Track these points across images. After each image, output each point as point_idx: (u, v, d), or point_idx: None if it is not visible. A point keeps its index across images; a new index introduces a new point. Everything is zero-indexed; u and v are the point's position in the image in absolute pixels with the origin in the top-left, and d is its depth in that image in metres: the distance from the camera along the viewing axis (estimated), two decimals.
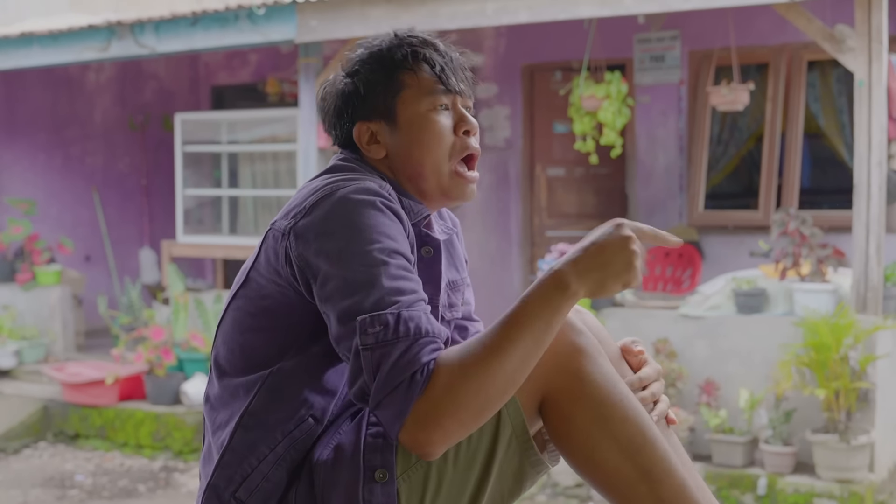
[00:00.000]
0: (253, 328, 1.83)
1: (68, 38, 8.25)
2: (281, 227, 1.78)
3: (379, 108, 1.90)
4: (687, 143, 8.58)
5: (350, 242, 1.70)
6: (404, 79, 1.90)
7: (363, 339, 1.65)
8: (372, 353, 1.64)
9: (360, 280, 1.68)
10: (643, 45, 8.65)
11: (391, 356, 1.63)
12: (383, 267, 1.69)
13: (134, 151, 10.76)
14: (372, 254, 1.69)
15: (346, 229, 1.71)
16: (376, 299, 1.66)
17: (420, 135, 1.89)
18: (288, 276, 1.77)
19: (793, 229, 6.25)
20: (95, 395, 7.56)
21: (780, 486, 5.72)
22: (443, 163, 1.90)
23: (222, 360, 1.88)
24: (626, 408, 1.76)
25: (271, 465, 1.80)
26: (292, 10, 7.34)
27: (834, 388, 5.63)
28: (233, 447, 1.82)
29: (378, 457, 1.75)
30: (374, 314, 1.65)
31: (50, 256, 9.15)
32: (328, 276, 1.70)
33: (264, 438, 1.80)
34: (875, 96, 5.88)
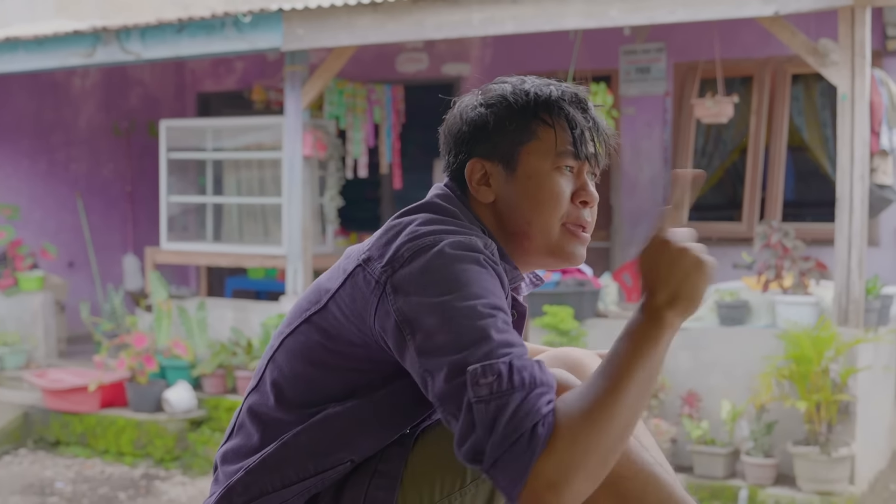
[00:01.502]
0: (322, 364, 1.76)
1: (54, 44, 8.23)
2: (375, 271, 1.69)
3: (502, 149, 1.80)
4: (672, 154, 8.61)
5: (455, 297, 1.60)
6: (539, 130, 1.79)
7: (476, 392, 1.52)
8: (487, 406, 1.51)
9: (468, 334, 1.57)
10: (629, 57, 8.68)
11: (508, 408, 1.50)
12: (490, 320, 1.58)
13: (118, 158, 10.73)
14: (477, 308, 1.59)
15: (451, 283, 1.61)
16: (487, 351, 1.55)
17: (536, 191, 1.78)
18: (373, 327, 1.68)
19: (775, 242, 6.28)
20: (77, 402, 7.53)
21: (760, 497, 5.73)
22: (554, 223, 1.79)
23: (283, 382, 1.79)
24: (646, 482, 1.68)
25: (294, 493, 1.74)
26: (279, 18, 7.35)
27: (815, 401, 5.65)
28: (265, 459, 1.76)
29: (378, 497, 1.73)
30: (485, 364, 1.53)
31: (33, 262, 9.11)
32: (431, 331, 1.59)
33: (297, 465, 1.74)
34: (858, 110, 5.91)
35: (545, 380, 1.55)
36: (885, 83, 6.42)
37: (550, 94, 1.81)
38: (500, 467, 1.49)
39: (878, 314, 6.22)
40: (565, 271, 6.81)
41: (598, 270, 8.31)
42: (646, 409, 1.63)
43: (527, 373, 1.54)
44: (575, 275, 6.76)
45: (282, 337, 1.83)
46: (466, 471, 1.70)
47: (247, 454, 1.80)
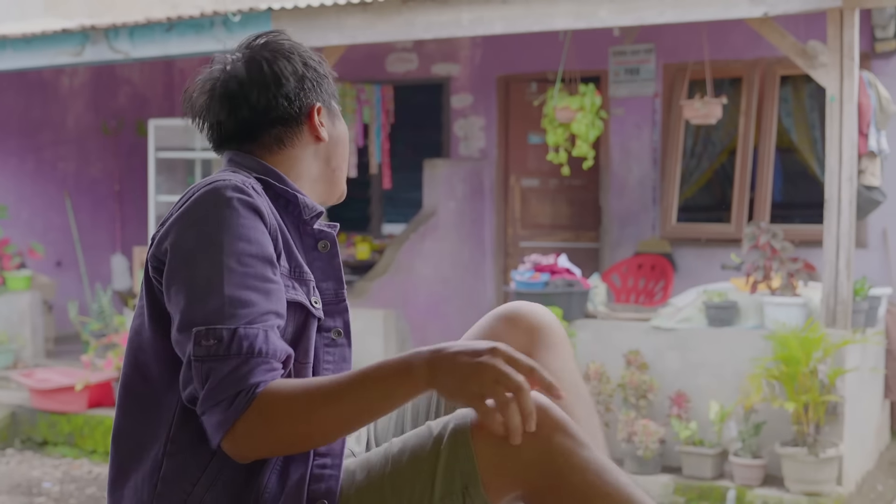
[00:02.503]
0: (143, 346, 1.79)
1: (42, 42, 8.20)
2: (154, 235, 1.80)
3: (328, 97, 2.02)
4: (661, 155, 8.63)
5: (200, 243, 1.70)
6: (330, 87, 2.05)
7: (196, 350, 1.64)
8: (202, 365, 1.64)
9: (203, 286, 1.67)
10: (618, 58, 8.69)
11: (220, 372, 1.63)
12: (228, 275, 1.67)
13: (107, 157, 10.70)
14: (221, 258, 1.68)
15: (199, 226, 1.71)
16: (215, 309, 1.65)
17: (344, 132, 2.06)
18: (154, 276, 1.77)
19: (764, 243, 6.29)
20: (64, 402, 7.50)
21: (749, 498, 5.75)
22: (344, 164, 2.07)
23: (132, 386, 1.81)
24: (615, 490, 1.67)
25: (206, 487, 1.72)
26: (268, 17, 7.33)
27: (803, 402, 5.66)
28: (164, 477, 1.74)
29: (322, 486, 1.73)
30: (209, 327, 1.64)
31: (20, 261, 9.08)
32: (174, 273, 1.70)
33: (193, 461, 1.74)
34: (846, 112, 5.93)
35: (266, 350, 1.65)
36: (873, 85, 6.44)
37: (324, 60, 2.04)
38: (207, 418, 1.65)
39: (866, 315, 6.24)
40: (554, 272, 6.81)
41: (587, 271, 8.32)
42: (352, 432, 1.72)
43: (247, 342, 1.64)
44: (564, 275, 6.77)
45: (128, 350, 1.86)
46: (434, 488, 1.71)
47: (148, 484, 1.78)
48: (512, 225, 9.34)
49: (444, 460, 1.69)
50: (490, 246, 9.33)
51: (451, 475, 1.69)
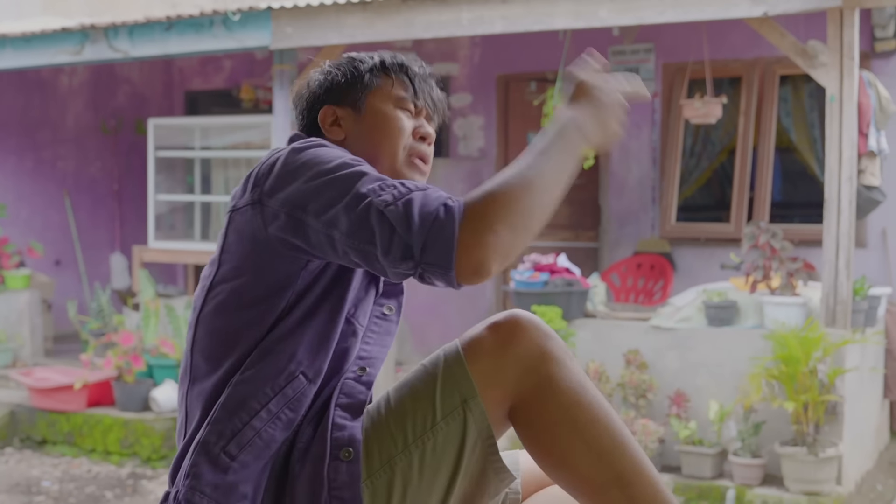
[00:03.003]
0: (239, 306, 1.83)
1: (41, 41, 8.20)
2: (246, 201, 1.82)
3: (350, 97, 2.01)
4: (660, 155, 8.62)
5: (321, 165, 1.75)
6: (381, 80, 2.02)
7: (382, 201, 1.66)
8: (396, 207, 1.65)
9: (348, 178, 1.71)
10: (617, 58, 8.69)
11: (415, 201, 1.65)
12: (360, 166, 1.74)
13: (106, 156, 10.70)
14: (345, 160, 1.75)
15: (311, 159, 1.77)
16: (372, 179, 1.71)
17: (383, 124, 1.98)
18: (270, 238, 1.78)
19: (763, 242, 6.29)
20: (63, 401, 7.50)
21: (748, 497, 5.75)
22: (399, 150, 1.98)
23: (211, 347, 1.86)
24: (597, 410, 1.77)
25: (264, 421, 1.78)
26: (267, 16, 7.33)
27: (802, 401, 5.66)
28: (224, 404, 1.80)
29: (345, 435, 1.77)
30: (378, 183, 1.69)
31: (19, 260, 9.08)
32: (318, 196, 1.72)
33: (255, 394, 1.79)
34: (846, 111, 5.93)
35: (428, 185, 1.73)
36: (873, 84, 6.43)
37: (394, 56, 2.07)
38: (429, 248, 1.62)
39: (866, 315, 6.24)
40: (553, 271, 6.81)
41: (586, 270, 8.32)
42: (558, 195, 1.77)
43: (412, 182, 1.71)
44: (563, 275, 6.76)
45: (196, 313, 1.91)
46: (436, 408, 1.77)
47: (205, 409, 1.84)
48: None
49: (441, 382, 1.78)
50: None
51: (450, 393, 1.77)
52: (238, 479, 1.78)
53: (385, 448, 1.78)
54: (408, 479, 1.76)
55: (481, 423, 1.76)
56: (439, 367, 1.80)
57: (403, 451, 1.77)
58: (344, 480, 1.74)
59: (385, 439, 1.78)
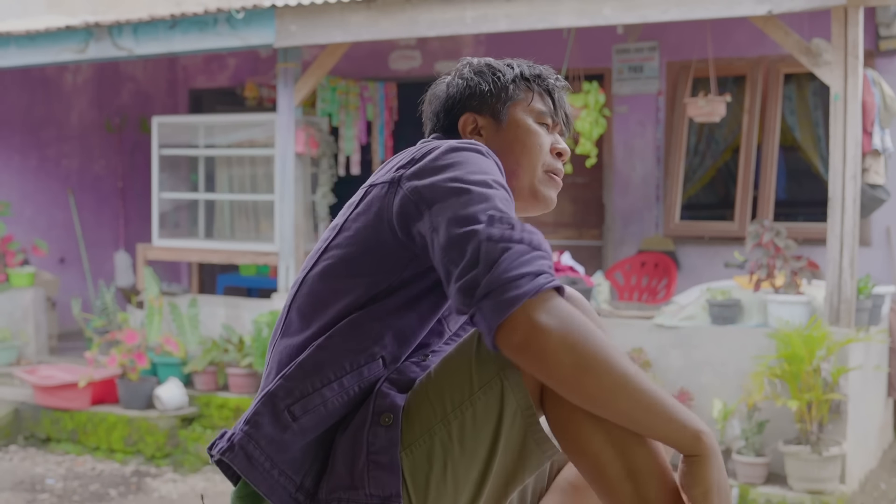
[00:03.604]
0: (345, 274, 1.85)
1: (45, 39, 8.21)
2: (387, 178, 1.84)
3: (492, 105, 2.04)
4: (664, 153, 8.62)
5: (464, 171, 1.77)
6: (523, 92, 2.07)
7: (489, 231, 1.65)
8: (495, 245, 1.64)
9: (479, 196, 1.71)
10: (622, 56, 8.69)
11: (514, 251, 1.64)
12: (497, 191, 1.75)
13: (110, 154, 10.71)
14: (487, 180, 1.76)
15: (459, 165, 1.78)
16: (500, 206, 1.71)
17: (524, 138, 2.02)
18: (391, 219, 1.80)
19: (767, 241, 6.29)
20: (67, 399, 7.51)
21: (752, 496, 5.74)
22: (538, 165, 2.02)
23: (307, 309, 1.88)
24: None
25: (334, 392, 1.80)
26: (272, 14, 7.33)
27: (806, 400, 5.66)
28: (302, 363, 1.81)
29: (387, 402, 1.78)
30: (503, 214, 1.69)
31: (24, 258, 9.09)
32: (445, 194, 1.73)
33: (333, 364, 1.81)
34: (850, 110, 5.92)
35: (549, 251, 1.70)
36: (877, 83, 6.43)
37: (532, 67, 2.12)
38: (490, 298, 1.61)
39: (870, 314, 6.24)
40: (557, 269, 6.81)
41: (590, 269, 8.31)
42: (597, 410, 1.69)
43: (536, 236, 1.69)
44: (567, 273, 6.76)
45: (305, 272, 1.93)
46: (473, 379, 1.76)
47: (286, 363, 1.87)
48: None
49: (477, 354, 1.77)
50: None
51: (486, 364, 1.75)
52: (293, 440, 1.80)
53: (425, 419, 1.78)
54: (448, 449, 1.76)
55: (519, 394, 1.75)
56: (475, 339, 1.79)
57: (442, 421, 1.77)
58: (382, 445, 1.75)
59: (425, 410, 1.78)
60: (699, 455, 1.68)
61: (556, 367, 1.63)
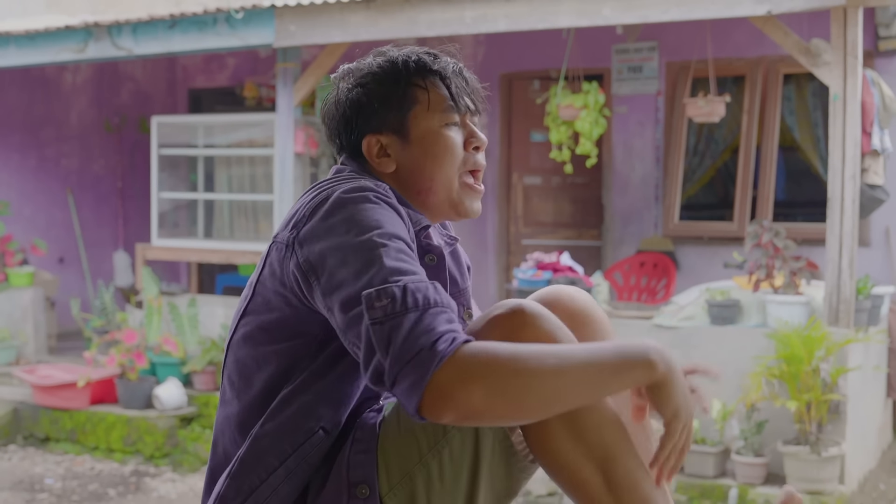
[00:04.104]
0: (263, 342, 1.82)
1: (45, 39, 8.20)
2: (284, 238, 1.78)
3: (390, 121, 1.91)
4: (663, 153, 8.62)
5: (349, 235, 1.69)
6: (417, 94, 1.91)
7: (371, 315, 1.59)
8: (381, 328, 1.58)
9: (362, 265, 1.65)
10: (621, 56, 8.69)
11: (403, 328, 1.57)
12: (382, 249, 1.66)
13: (109, 154, 10.70)
14: (372, 239, 1.67)
15: (344, 224, 1.70)
16: (381, 277, 1.62)
17: (433, 149, 1.89)
18: (292, 285, 1.75)
19: (766, 241, 6.29)
20: (66, 398, 7.51)
21: (750, 496, 5.74)
22: (453, 177, 1.91)
23: (237, 380, 1.86)
24: (603, 416, 1.74)
25: (281, 478, 1.78)
26: (271, 14, 7.33)
27: (805, 400, 5.66)
28: (243, 459, 1.80)
29: (360, 472, 1.75)
30: (379, 288, 1.60)
31: (23, 258, 9.09)
32: (331, 270, 1.67)
33: (273, 451, 1.78)
34: (850, 110, 5.92)
35: (441, 300, 1.62)
36: (876, 83, 6.43)
37: (416, 60, 1.92)
38: (400, 382, 1.55)
39: (869, 314, 6.24)
40: (556, 270, 6.81)
41: (589, 269, 8.31)
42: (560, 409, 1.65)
43: (420, 294, 1.60)
44: (566, 273, 6.76)
45: (228, 342, 1.90)
46: None
47: (226, 463, 1.85)
48: (514, 223, 9.33)
49: None
50: (492, 243, 9.33)
51: None
52: None
53: (402, 461, 1.76)
54: (430, 488, 1.75)
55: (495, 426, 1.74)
56: None
57: (420, 463, 1.75)
58: None
59: (401, 451, 1.76)
60: (657, 381, 1.65)
61: (496, 414, 1.58)
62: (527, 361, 1.56)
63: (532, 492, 6.17)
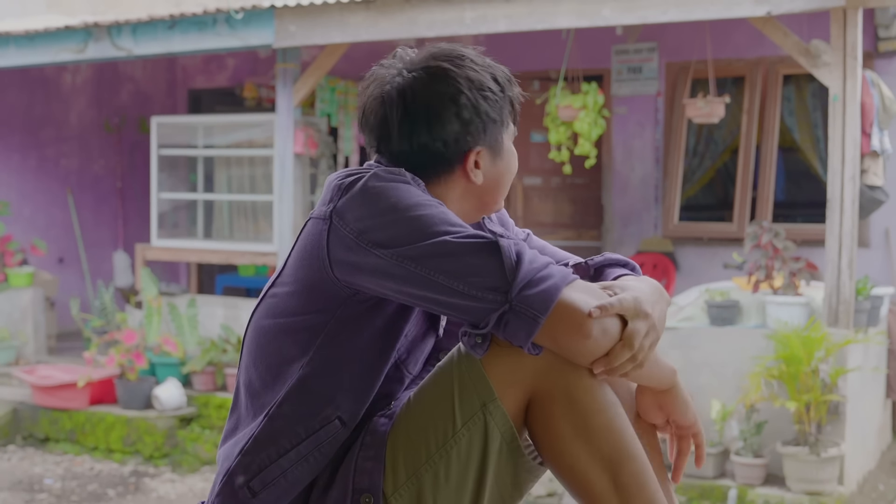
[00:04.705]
0: (285, 317, 1.81)
1: (45, 39, 8.20)
2: (320, 214, 1.78)
3: (494, 136, 1.87)
4: (663, 154, 8.62)
5: (399, 201, 1.72)
6: (510, 113, 1.91)
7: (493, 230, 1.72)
8: (509, 243, 1.66)
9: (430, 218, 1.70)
10: (621, 57, 8.69)
11: (526, 249, 1.67)
12: (444, 209, 1.74)
13: (109, 154, 10.70)
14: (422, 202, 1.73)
15: (390, 193, 1.73)
16: (460, 223, 1.71)
17: (512, 164, 1.93)
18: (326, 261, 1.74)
19: (766, 242, 6.29)
20: (66, 399, 7.51)
21: (750, 497, 5.74)
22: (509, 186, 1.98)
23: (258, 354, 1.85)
24: (611, 419, 1.75)
25: (292, 462, 1.77)
26: (271, 14, 7.33)
27: (805, 401, 5.66)
28: (257, 437, 1.79)
29: (366, 479, 1.75)
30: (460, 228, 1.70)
31: (22, 258, 9.08)
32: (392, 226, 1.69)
33: (287, 433, 1.78)
34: (849, 111, 5.92)
35: None
36: (876, 84, 6.43)
37: (509, 80, 1.91)
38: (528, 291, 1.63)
39: (868, 315, 6.24)
40: None
41: None
42: None
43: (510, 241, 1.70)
44: None
45: (251, 314, 1.90)
46: (455, 415, 1.73)
47: (240, 437, 1.84)
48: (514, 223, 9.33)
49: (458, 386, 1.74)
50: None
51: (468, 398, 1.73)
52: None
53: (410, 461, 1.75)
54: (437, 488, 1.75)
55: (504, 427, 1.73)
56: (454, 369, 1.75)
57: (428, 462, 1.75)
58: None
59: (409, 450, 1.75)
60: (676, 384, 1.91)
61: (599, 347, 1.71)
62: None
63: (531, 492, 6.17)
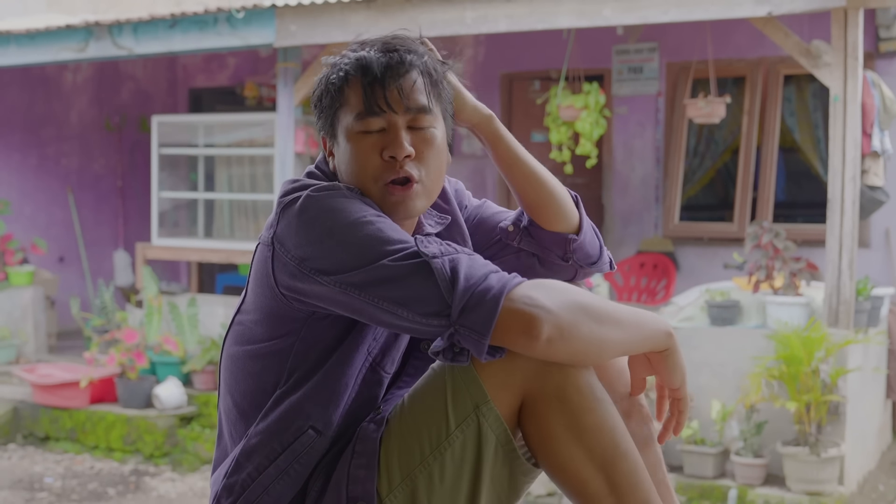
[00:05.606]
0: (255, 339, 1.82)
1: (45, 38, 8.20)
2: (265, 238, 1.78)
3: (326, 120, 1.86)
4: (664, 154, 8.62)
5: (336, 221, 1.70)
6: (343, 94, 1.82)
7: (427, 250, 1.65)
8: (442, 262, 1.64)
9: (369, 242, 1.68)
10: (621, 57, 8.69)
11: (462, 262, 1.65)
12: (380, 224, 1.70)
13: (110, 153, 10.70)
14: (361, 219, 1.70)
15: (327, 213, 1.71)
16: (398, 240, 1.69)
17: (347, 155, 1.82)
18: (275, 286, 1.75)
19: (766, 242, 6.29)
20: (66, 397, 7.51)
21: (750, 497, 5.74)
22: (369, 186, 1.80)
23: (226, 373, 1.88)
24: (603, 417, 1.74)
25: (272, 477, 1.78)
26: (272, 14, 7.33)
27: (805, 401, 5.66)
28: (237, 459, 1.81)
29: (359, 488, 1.75)
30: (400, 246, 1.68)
31: (23, 257, 9.09)
32: (336, 260, 1.68)
33: (264, 450, 1.79)
34: (850, 112, 5.92)
35: None
36: (877, 85, 6.43)
37: (348, 57, 1.82)
38: (471, 308, 1.61)
39: (869, 315, 6.24)
40: None
41: None
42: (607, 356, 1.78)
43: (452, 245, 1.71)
44: None
45: (223, 341, 1.92)
46: (449, 418, 1.73)
47: (225, 462, 1.86)
48: None
49: (451, 389, 1.73)
50: None
51: (461, 400, 1.73)
52: None
53: (404, 462, 1.75)
54: (431, 490, 1.74)
55: (497, 428, 1.73)
56: (446, 372, 1.75)
57: (422, 464, 1.74)
58: None
59: (403, 452, 1.75)
60: (671, 347, 1.78)
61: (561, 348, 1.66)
62: (594, 300, 1.69)
63: (531, 492, 6.17)
